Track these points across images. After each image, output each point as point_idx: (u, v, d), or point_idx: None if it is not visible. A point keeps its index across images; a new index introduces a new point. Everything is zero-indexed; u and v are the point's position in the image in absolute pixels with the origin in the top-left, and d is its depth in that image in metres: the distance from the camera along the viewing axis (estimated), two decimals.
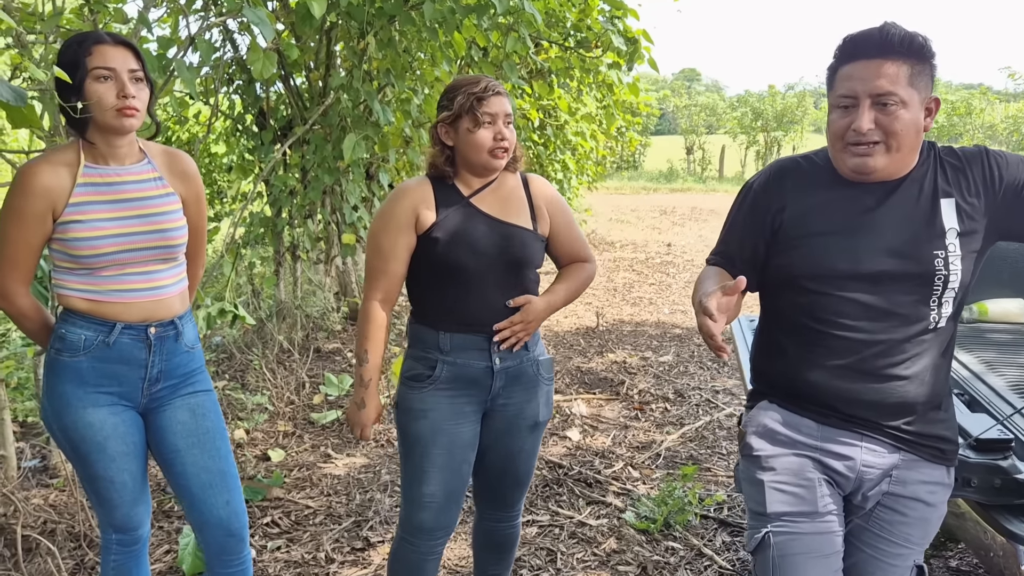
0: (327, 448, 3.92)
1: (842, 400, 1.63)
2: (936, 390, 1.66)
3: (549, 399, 2.17)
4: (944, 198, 1.60)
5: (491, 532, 2.29)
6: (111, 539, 2.09)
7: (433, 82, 4.84)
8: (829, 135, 1.61)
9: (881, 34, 1.53)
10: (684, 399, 4.84)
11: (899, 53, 1.51)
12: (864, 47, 1.54)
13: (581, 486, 3.54)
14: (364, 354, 2.01)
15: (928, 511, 1.69)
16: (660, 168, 30.95)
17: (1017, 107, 25.01)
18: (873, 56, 1.53)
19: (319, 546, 2.97)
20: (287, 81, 5.24)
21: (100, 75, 1.82)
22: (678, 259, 11.00)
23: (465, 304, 2.00)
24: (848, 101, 1.55)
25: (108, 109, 1.82)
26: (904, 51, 1.51)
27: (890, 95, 1.51)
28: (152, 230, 1.94)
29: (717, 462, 3.86)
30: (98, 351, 1.91)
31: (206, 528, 2.05)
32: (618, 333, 6.61)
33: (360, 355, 2.02)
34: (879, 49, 1.52)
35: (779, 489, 1.68)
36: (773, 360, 1.75)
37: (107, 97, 1.82)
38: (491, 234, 1.99)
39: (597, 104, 9.00)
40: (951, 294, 1.60)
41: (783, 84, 39.67)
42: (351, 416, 2.07)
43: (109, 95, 1.82)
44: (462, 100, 1.95)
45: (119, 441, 1.96)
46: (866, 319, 1.60)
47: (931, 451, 1.66)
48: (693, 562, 2.91)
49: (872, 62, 1.52)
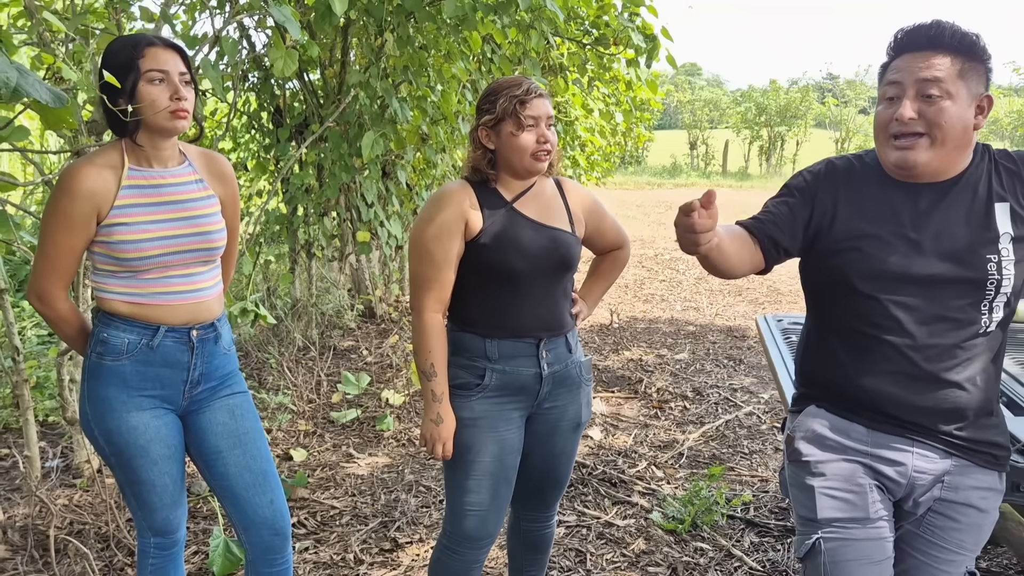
0: (349, 448, 3.91)
1: (896, 405, 1.62)
2: (988, 395, 1.65)
3: (589, 400, 2.17)
4: (999, 202, 1.58)
5: (528, 533, 2.28)
6: (149, 543, 2.08)
7: (449, 79, 4.82)
8: (876, 129, 1.60)
9: (932, 27, 1.52)
10: (703, 397, 4.83)
11: (949, 47, 1.50)
12: (915, 39, 1.53)
13: (606, 486, 3.53)
14: (431, 368, 1.96)
15: (981, 517, 1.67)
16: (664, 163, 30.93)
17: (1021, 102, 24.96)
18: (923, 48, 1.52)
19: (347, 547, 2.96)
20: (303, 78, 5.22)
21: (153, 77, 1.81)
22: (686, 255, 10.97)
23: (513, 310, 1.97)
24: (894, 91, 1.54)
25: (161, 111, 1.81)
26: (955, 46, 1.50)
27: (935, 83, 1.49)
28: (195, 232, 1.93)
29: (740, 461, 3.85)
30: (141, 354, 1.90)
31: (251, 528, 2.04)
32: (632, 330, 6.60)
33: (426, 370, 1.96)
34: (929, 41, 1.51)
35: (830, 495, 1.66)
36: (823, 364, 1.73)
37: (161, 99, 1.81)
38: (538, 238, 1.97)
39: (607, 100, 8.96)
40: (1002, 299, 1.59)
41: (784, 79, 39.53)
42: (430, 433, 1.98)
43: (163, 97, 1.81)
44: (504, 103, 1.92)
45: (162, 444, 1.95)
46: (918, 323, 1.59)
47: (984, 456, 1.65)
48: (723, 563, 2.90)
49: (921, 54, 1.52)
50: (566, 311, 2.07)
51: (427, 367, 1.96)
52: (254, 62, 5.16)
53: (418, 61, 4.61)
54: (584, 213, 2.12)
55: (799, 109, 31.27)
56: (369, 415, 4.33)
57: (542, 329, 2.01)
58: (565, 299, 2.07)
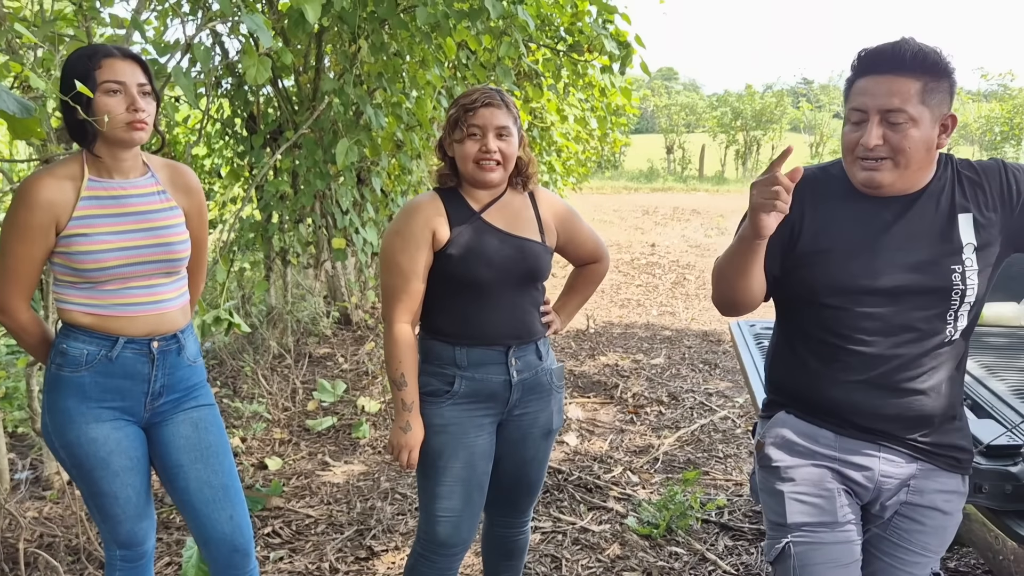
0: (324, 456, 3.90)
1: (862, 414, 1.65)
2: (952, 401, 1.68)
3: (561, 406, 2.19)
4: (962, 213, 1.61)
5: (502, 539, 2.29)
6: (115, 555, 2.06)
7: (424, 85, 4.82)
8: (842, 147, 1.63)
9: (894, 50, 1.53)
10: (678, 402, 4.86)
11: (911, 69, 1.52)
12: (877, 62, 1.55)
13: (581, 491, 3.54)
14: (401, 378, 1.97)
15: (945, 519, 1.71)
16: (641, 168, 31.06)
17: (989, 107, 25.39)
18: (885, 72, 1.53)
19: (322, 556, 2.95)
20: (276, 84, 5.20)
21: (110, 88, 1.81)
22: (663, 260, 11.05)
23: (482, 319, 1.99)
24: (859, 116, 1.56)
25: (118, 123, 1.80)
26: (917, 67, 1.52)
27: (899, 112, 1.51)
28: (156, 243, 1.92)
29: (715, 465, 3.88)
30: (100, 366, 1.89)
31: (211, 544, 2.03)
32: (608, 336, 6.63)
33: (397, 380, 1.98)
34: (891, 65, 1.53)
35: (799, 500, 1.69)
36: (791, 373, 1.76)
37: (117, 111, 1.80)
38: (504, 248, 1.99)
39: (583, 106, 9.00)
40: (967, 308, 1.62)
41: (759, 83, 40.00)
42: (398, 441, 1.99)
43: (119, 108, 1.81)
44: (454, 112, 1.98)
45: (122, 456, 1.94)
46: (884, 334, 1.61)
47: (947, 460, 1.68)
48: (697, 567, 2.92)
49: (884, 78, 1.53)
50: (536, 319, 2.09)
51: (397, 377, 1.98)
52: (227, 69, 5.13)
53: (392, 68, 4.61)
54: (556, 222, 2.13)
55: (774, 113, 31.55)
56: (345, 423, 4.31)
57: (511, 337, 2.03)
58: (535, 307, 2.09)
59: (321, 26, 4.88)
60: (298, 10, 3.52)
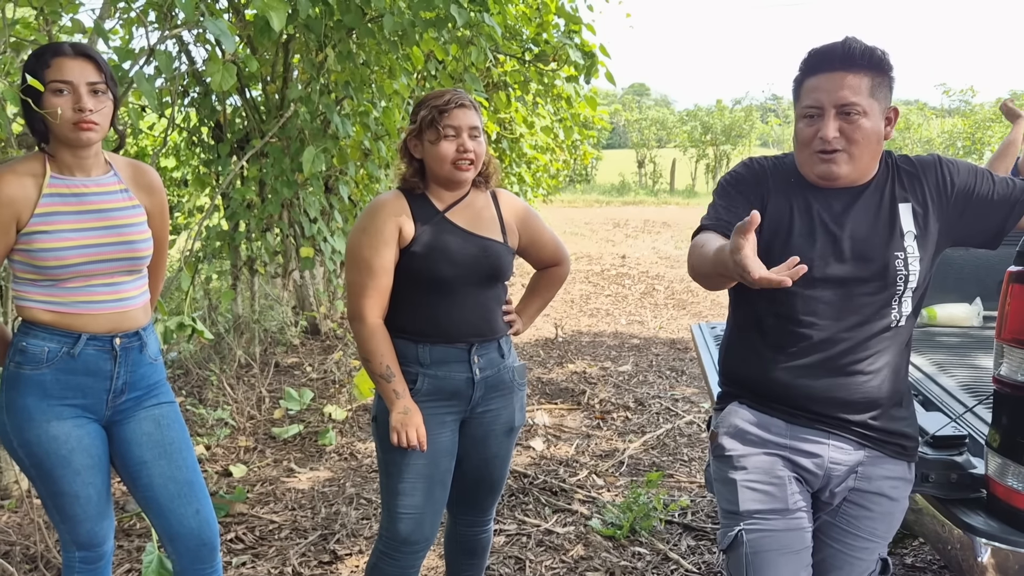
0: (290, 463, 3.88)
1: (810, 398, 1.69)
2: (897, 386, 1.73)
3: (523, 404, 2.21)
4: (902, 203, 1.68)
5: (464, 538, 2.30)
6: (74, 557, 2.04)
7: (391, 95, 4.85)
8: (797, 143, 1.68)
9: (844, 48, 1.61)
10: (644, 407, 4.90)
11: (860, 65, 1.60)
12: (828, 60, 1.62)
13: (547, 495, 3.56)
14: (387, 370, 1.98)
15: (892, 505, 1.75)
16: (612, 181, 31.31)
17: (952, 122, 25.94)
18: (836, 68, 1.60)
19: (285, 560, 2.94)
20: (243, 93, 5.19)
21: (57, 88, 1.81)
22: (633, 270, 11.14)
23: (444, 317, 2.02)
24: (814, 111, 1.62)
25: (65, 122, 1.80)
26: (865, 64, 1.60)
27: (853, 105, 1.58)
28: (119, 241, 1.92)
29: (679, 468, 3.91)
30: (62, 363, 1.88)
31: (177, 539, 2.02)
32: (577, 344, 6.67)
33: (383, 373, 1.98)
34: (842, 62, 1.60)
35: (751, 488, 1.72)
36: (742, 361, 1.80)
37: (64, 110, 1.80)
38: (467, 247, 2.01)
39: (552, 117, 9.08)
40: (910, 293, 1.68)
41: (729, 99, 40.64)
42: (403, 424, 1.97)
43: (66, 108, 1.80)
44: (426, 113, 1.99)
45: (84, 454, 1.92)
46: (832, 318, 1.66)
47: (894, 447, 1.73)
48: (660, 566, 2.95)
49: (836, 74, 1.60)
50: (498, 317, 2.12)
51: (383, 370, 1.99)
52: (194, 77, 5.12)
53: (360, 77, 4.63)
54: (517, 224, 2.16)
55: (743, 128, 32.01)
56: (312, 430, 4.30)
57: (473, 335, 2.05)
58: (497, 306, 2.12)
59: (288, 35, 4.90)
60: (264, 18, 3.53)
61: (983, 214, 1.68)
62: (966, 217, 1.69)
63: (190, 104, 5.31)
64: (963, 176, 1.69)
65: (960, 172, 1.70)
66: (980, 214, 1.68)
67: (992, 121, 22.06)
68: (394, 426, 1.99)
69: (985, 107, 24.26)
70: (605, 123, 11.03)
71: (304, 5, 3.65)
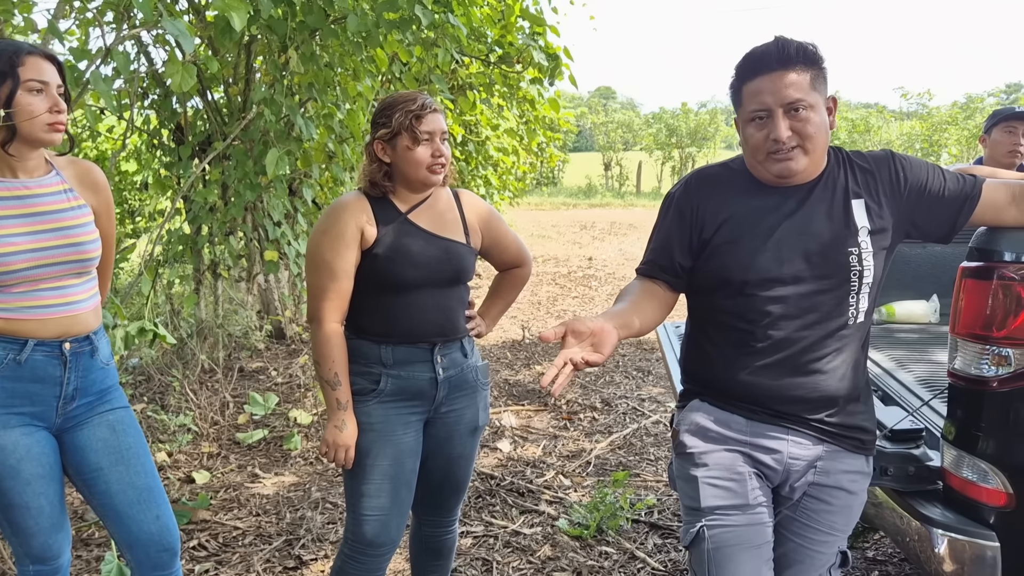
0: (254, 468, 3.83)
1: (770, 396, 1.70)
2: (855, 383, 1.76)
3: (487, 404, 2.21)
4: (855, 199, 1.70)
5: (429, 539, 2.29)
6: (28, 571, 1.99)
7: (356, 97, 4.82)
8: (748, 149, 1.69)
9: (778, 47, 1.62)
10: (611, 408, 4.92)
11: (798, 62, 1.61)
12: (766, 61, 1.63)
13: (514, 496, 3.56)
14: (335, 378, 1.97)
15: (850, 499, 1.78)
16: (579, 184, 31.44)
17: (910, 125, 26.44)
18: (776, 69, 1.62)
19: (249, 567, 2.90)
20: (205, 95, 5.13)
21: (34, 87, 1.78)
22: (599, 272, 11.19)
23: (407, 317, 2.01)
24: (762, 114, 1.63)
25: (39, 122, 1.77)
26: (802, 60, 1.62)
27: (799, 101, 1.60)
28: (67, 244, 1.87)
29: (646, 468, 3.93)
30: (8, 370, 1.83)
31: (137, 546, 1.98)
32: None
33: (330, 379, 1.97)
34: (779, 61, 1.62)
35: (712, 484, 1.73)
36: (702, 361, 1.81)
37: (39, 110, 1.77)
38: (430, 248, 2.01)
39: (518, 120, 9.10)
40: (867, 289, 1.70)
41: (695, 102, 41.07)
42: (333, 439, 1.98)
43: (42, 108, 1.77)
44: (400, 118, 1.97)
45: (34, 463, 1.87)
46: (790, 317, 1.68)
47: (852, 442, 1.75)
48: (626, 565, 2.96)
49: (775, 74, 1.61)
50: (461, 317, 2.11)
51: (331, 376, 1.97)
52: (154, 79, 5.05)
53: (324, 79, 4.60)
54: (480, 224, 2.16)
55: (708, 131, 32.35)
56: (276, 435, 4.25)
57: (436, 335, 2.04)
58: (460, 306, 2.11)
59: (250, 36, 4.84)
60: (225, 19, 3.49)
61: (936, 209, 1.71)
62: (919, 212, 1.72)
63: (150, 106, 5.23)
64: (916, 171, 1.72)
65: (913, 168, 1.73)
66: (933, 209, 1.71)
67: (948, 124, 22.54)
68: (326, 438, 1.99)
69: (941, 110, 24.77)
70: (571, 126, 11.09)
71: (266, 5, 3.62)
